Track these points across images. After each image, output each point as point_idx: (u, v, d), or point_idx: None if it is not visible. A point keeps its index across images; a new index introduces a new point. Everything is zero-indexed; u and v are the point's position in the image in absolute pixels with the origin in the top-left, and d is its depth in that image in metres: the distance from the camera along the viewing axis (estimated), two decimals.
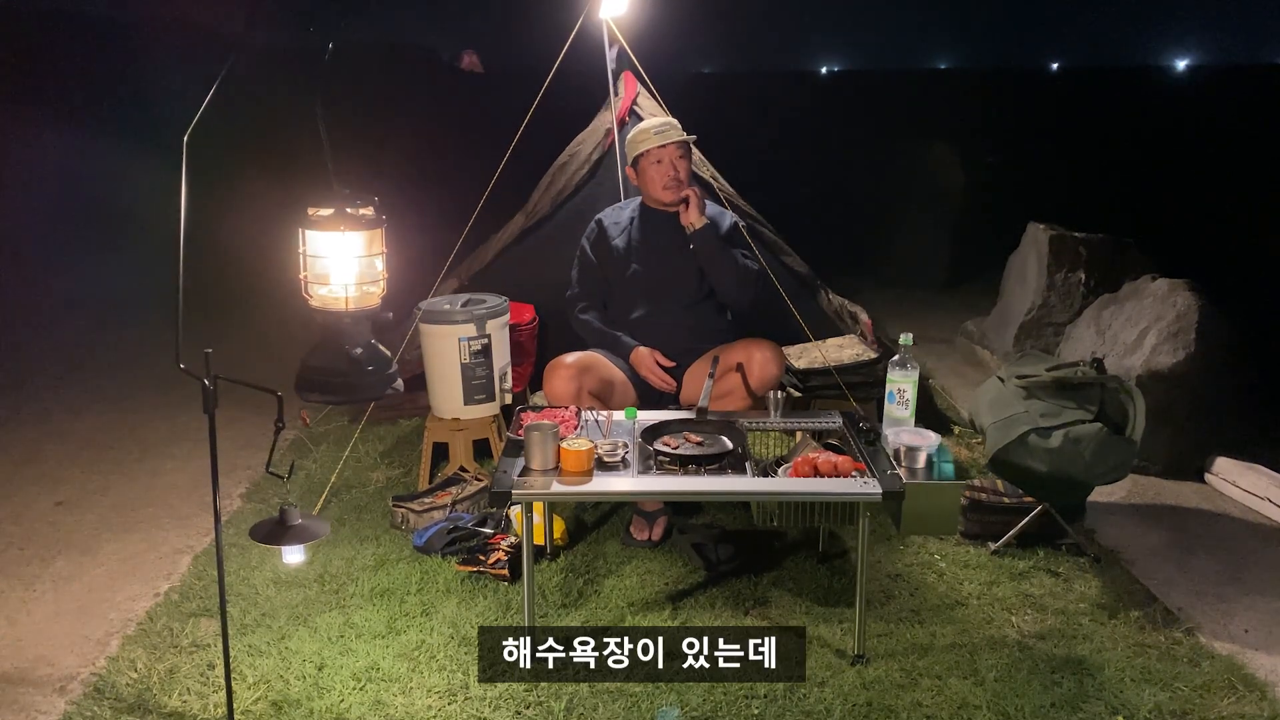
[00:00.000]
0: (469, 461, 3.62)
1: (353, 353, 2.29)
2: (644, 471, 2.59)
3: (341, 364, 2.28)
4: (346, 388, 2.31)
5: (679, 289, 3.32)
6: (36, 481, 3.86)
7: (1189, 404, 3.75)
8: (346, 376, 2.29)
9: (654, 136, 3.25)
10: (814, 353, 3.94)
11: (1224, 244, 7.64)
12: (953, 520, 2.69)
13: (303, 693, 2.40)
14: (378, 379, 2.34)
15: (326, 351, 2.30)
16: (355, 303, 2.29)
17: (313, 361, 2.30)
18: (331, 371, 2.28)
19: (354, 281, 2.29)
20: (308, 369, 2.29)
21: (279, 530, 2.20)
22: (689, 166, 3.31)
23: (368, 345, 2.33)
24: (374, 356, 2.34)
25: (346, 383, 2.29)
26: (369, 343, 2.34)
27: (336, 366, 2.28)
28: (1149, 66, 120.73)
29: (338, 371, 2.28)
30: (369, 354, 2.33)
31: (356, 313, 2.30)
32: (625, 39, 3.92)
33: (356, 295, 2.29)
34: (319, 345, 2.31)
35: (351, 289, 2.29)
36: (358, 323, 2.32)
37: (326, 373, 2.28)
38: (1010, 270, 5.56)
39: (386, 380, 2.36)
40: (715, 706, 2.34)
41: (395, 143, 10.73)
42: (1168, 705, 2.37)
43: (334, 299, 2.29)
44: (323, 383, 2.29)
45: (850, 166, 9.60)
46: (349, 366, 2.29)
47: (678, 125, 3.32)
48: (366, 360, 2.31)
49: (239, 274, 6.59)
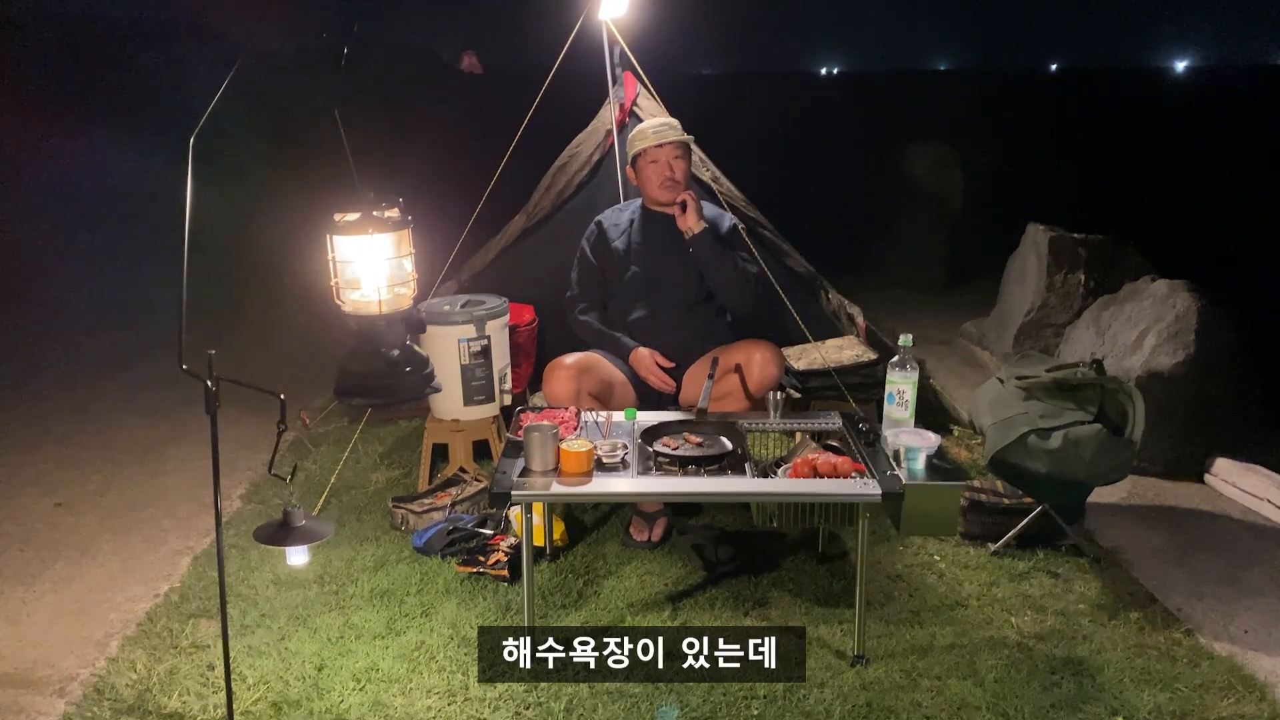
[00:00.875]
0: (469, 462, 3.62)
1: (390, 355, 2.31)
2: (644, 472, 2.59)
3: (380, 366, 2.30)
4: (386, 390, 2.33)
5: (678, 291, 3.32)
6: (36, 482, 3.86)
7: (1189, 405, 3.75)
8: (385, 379, 2.30)
9: (651, 136, 3.26)
10: (814, 354, 3.94)
11: (1224, 244, 7.63)
12: (952, 521, 2.69)
13: (303, 693, 2.40)
14: (416, 379, 2.36)
15: (364, 355, 2.31)
16: (388, 305, 2.30)
17: (351, 366, 2.32)
18: (370, 375, 2.30)
19: (385, 284, 2.30)
20: (346, 374, 2.31)
21: (283, 531, 2.20)
22: (687, 167, 3.31)
23: (404, 347, 2.35)
24: (411, 358, 2.36)
25: (386, 385, 2.31)
26: (405, 344, 2.36)
27: (375, 369, 2.30)
28: (1149, 67, 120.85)
29: (376, 374, 2.30)
30: (406, 355, 2.34)
31: (390, 315, 2.31)
32: (625, 39, 3.92)
33: (389, 298, 2.31)
34: (355, 350, 2.33)
35: (384, 291, 2.30)
36: (392, 325, 2.33)
37: (366, 376, 2.30)
38: (1010, 271, 5.56)
39: (424, 380, 2.38)
40: (715, 707, 2.34)
41: (395, 143, 10.72)
42: (1167, 706, 2.37)
43: (367, 303, 2.30)
44: (362, 386, 2.31)
45: (850, 166, 9.57)
46: (387, 369, 2.30)
47: (677, 125, 3.32)
48: (404, 361, 2.33)
49: (246, 276, 6.60)
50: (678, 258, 3.28)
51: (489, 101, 11.15)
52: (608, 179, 4.14)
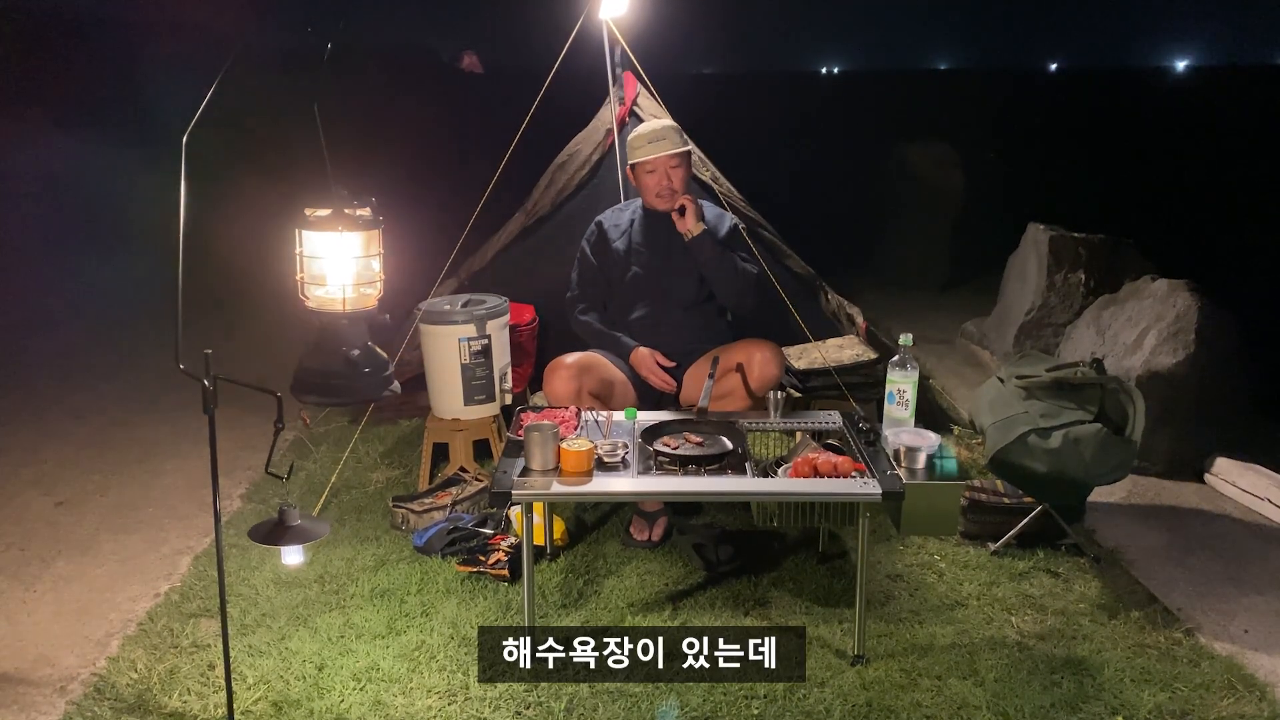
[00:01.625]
0: (469, 462, 3.62)
1: (350, 354, 2.29)
2: (644, 472, 2.59)
3: (338, 365, 2.28)
4: (343, 390, 2.30)
5: (679, 291, 3.32)
6: (36, 482, 3.86)
7: (1189, 404, 3.75)
8: (343, 378, 2.28)
9: (648, 146, 3.21)
10: (814, 353, 3.94)
11: (1224, 244, 7.64)
12: (953, 520, 2.69)
13: (303, 693, 2.40)
14: (375, 381, 2.33)
15: (323, 353, 2.29)
16: (352, 304, 2.29)
17: (309, 363, 2.29)
18: (328, 373, 2.28)
19: (351, 283, 2.29)
20: (304, 370, 2.29)
21: (278, 531, 2.20)
22: (685, 174, 3.28)
23: (364, 347, 2.33)
24: (371, 358, 2.33)
25: (343, 385, 2.29)
26: (366, 345, 2.34)
27: (333, 368, 2.28)
28: (1149, 67, 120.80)
29: (335, 373, 2.28)
30: (366, 356, 2.32)
31: (354, 314, 2.29)
32: (625, 39, 3.92)
33: (354, 297, 2.29)
34: (315, 347, 2.30)
35: (349, 290, 2.28)
36: (355, 324, 2.31)
37: (323, 374, 2.28)
38: (1010, 271, 5.56)
39: (383, 383, 2.35)
40: (715, 707, 2.34)
41: (395, 143, 10.73)
42: (1168, 705, 2.37)
43: (331, 300, 2.28)
44: (320, 384, 2.28)
45: (850, 166, 9.59)
46: (346, 368, 2.28)
47: (676, 131, 3.28)
48: (363, 362, 2.30)
49: (240, 274, 6.59)
50: (678, 258, 3.28)
51: (489, 101, 11.16)
52: (607, 178, 4.14)
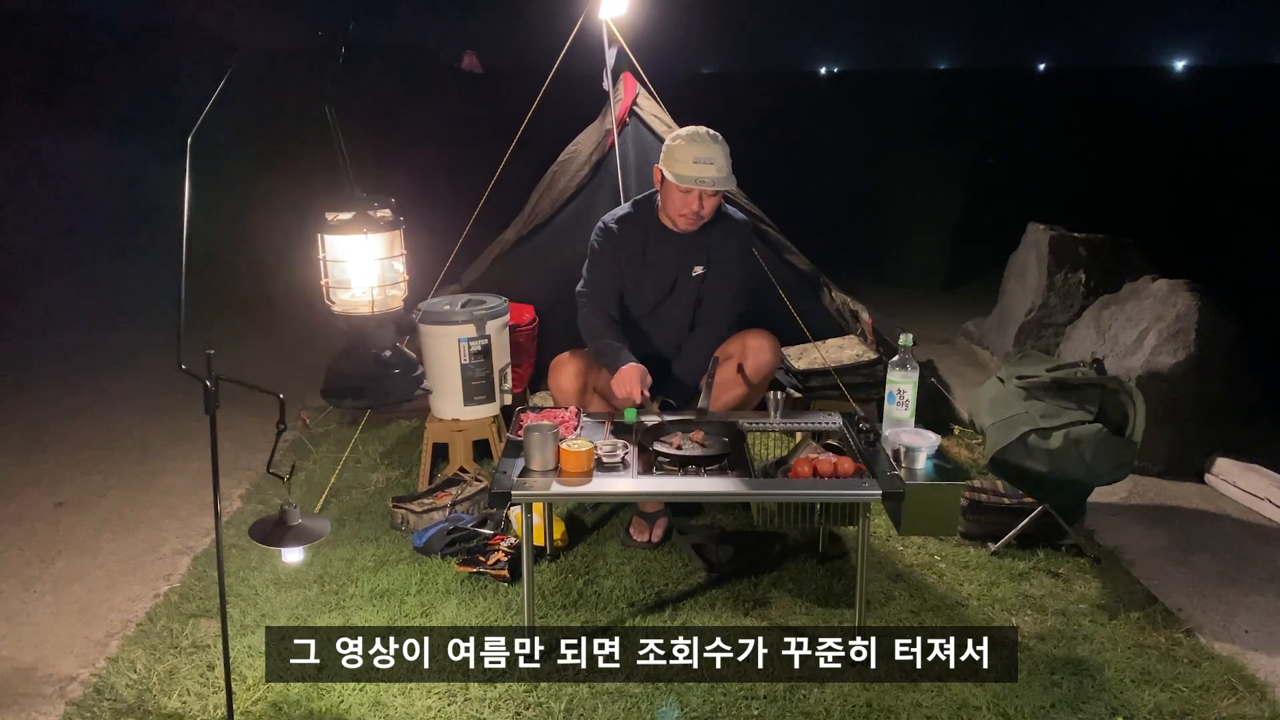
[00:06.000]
0: (469, 462, 3.62)
1: (381, 355, 2.29)
2: (644, 472, 2.59)
3: (369, 367, 2.28)
4: (376, 391, 2.31)
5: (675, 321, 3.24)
6: (36, 482, 3.86)
7: (1189, 404, 3.75)
8: (375, 380, 2.28)
9: (693, 166, 2.95)
10: (814, 353, 3.94)
11: (1224, 244, 7.63)
12: (953, 521, 2.69)
13: (303, 693, 2.40)
14: (406, 380, 2.34)
15: (353, 356, 2.30)
16: (380, 306, 2.29)
17: (340, 367, 2.29)
18: (360, 376, 2.28)
19: (377, 284, 2.29)
20: (335, 374, 2.29)
21: (278, 530, 2.19)
22: (718, 203, 3.11)
23: (393, 348, 2.34)
24: (401, 359, 2.34)
25: (376, 386, 2.29)
26: (395, 345, 2.34)
27: (365, 371, 2.28)
28: (1149, 66, 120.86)
29: (367, 375, 2.28)
30: (396, 356, 2.33)
31: (381, 316, 2.30)
32: (625, 39, 3.92)
33: (380, 298, 2.29)
34: (345, 351, 2.31)
35: (375, 292, 2.29)
36: (383, 326, 2.31)
37: (355, 378, 2.28)
38: (1010, 270, 5.56)
39: (414, 382, 2.36)
40: (715, 707, 2.34)
41: (394, 144, 10.73)
42: (1168, 706, 2.37)
43: (357, 303, 2.29)
44: (353, 388, 2.29)
45: (850, 166, 9.60)
46: (377, 369, 2.28)
47: (724, 153, 3.00)
48: (394, 363, 2.31)
49: (244, 275, 6.60)
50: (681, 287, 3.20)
51: (489, 100, 11.16)
52: (607, 180, 4.13)
